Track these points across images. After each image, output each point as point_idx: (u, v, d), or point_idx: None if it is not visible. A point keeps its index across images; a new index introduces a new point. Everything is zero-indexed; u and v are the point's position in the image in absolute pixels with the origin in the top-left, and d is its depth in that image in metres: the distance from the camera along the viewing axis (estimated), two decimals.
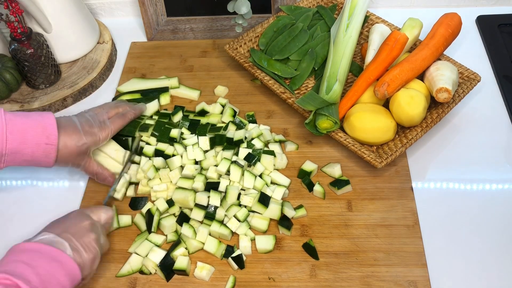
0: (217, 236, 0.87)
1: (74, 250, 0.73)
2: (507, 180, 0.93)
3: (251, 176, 0.90)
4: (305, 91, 1.07)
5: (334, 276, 0.82)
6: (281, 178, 0.93)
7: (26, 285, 0.64)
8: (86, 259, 0.74)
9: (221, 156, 0.93)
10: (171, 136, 0.97)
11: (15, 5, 1.00)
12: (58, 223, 0.77)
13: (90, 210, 0.82)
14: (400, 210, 0.89)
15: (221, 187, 0.89)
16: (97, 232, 0.78)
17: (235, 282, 0.82)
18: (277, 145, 0.98)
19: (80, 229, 0.76)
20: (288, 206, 0.89)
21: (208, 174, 0.91)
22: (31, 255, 0.69)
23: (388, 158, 0.89)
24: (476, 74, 1.00)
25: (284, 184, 0.92)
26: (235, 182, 0.90)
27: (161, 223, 0.88)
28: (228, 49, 1.10)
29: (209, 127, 1.00)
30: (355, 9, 1.04)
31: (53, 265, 0.69)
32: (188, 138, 0.97)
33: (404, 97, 0.92)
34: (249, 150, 0.93)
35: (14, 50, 1.05)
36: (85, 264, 0.74)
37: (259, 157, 0.93)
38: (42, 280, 0.66)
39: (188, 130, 1.00)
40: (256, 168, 0.92)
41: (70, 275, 0.70)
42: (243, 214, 0.87)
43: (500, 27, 1.19)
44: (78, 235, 0.75)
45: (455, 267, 0.82)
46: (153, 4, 1.20)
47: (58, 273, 0.69)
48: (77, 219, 0.78)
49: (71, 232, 0.75)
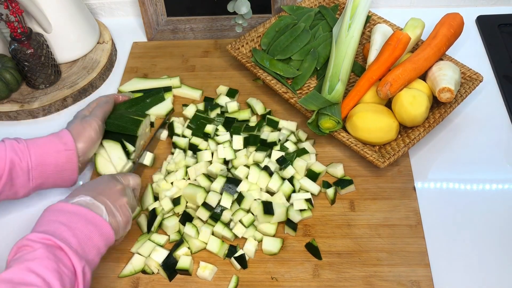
0: (220, 237, 0.86)
1: (110, 213, 0.75)
2: (510, 180, 0.93)
3: (278, 179, 0.90)
4: (307, 91, 1.07)
5: (337, 276, 0.82)
6: (312, 186, 0.91)
7: (68, 247, 0.66)
8: (120, 222, 0.77)
9: (253, 157, 0.93)
10: (206, 131, 0.97)
11: (15, 5, 0.99)
12: (93, 186, 0.79)
13: (119, 176, 0.84)
14: (402, 210, 0.89)
15: (241, 187, 0.89)
16: (128, 196, 0.81)
17: (237, 281, 0.82)
18: (308, 143, 0.98)
19: (114, 192, 0.79)
20: (292, 210, 0.87)
21: (236, 173, 0.91)
22: (69, 217, 0.71)
23: (391, 158, 0.89)
24: (478, 74, 1.01)
25: (314, 192, 0.91)
26: (257, 185, 0.89)
27: (164, 224, 0.87)
28: (230, 49, 1.10)
29: (243, 126, 0.99)
30: (357, 9, 1.04)
31: (90, 228, 0.71)
32: (221, 135, 0.97)
33: (407, 97, 0.92)
34: (282, 153, 0.93)
35: (14, 50, 1.04)
36: (119, 227, 0.77)
37: (291, 162, 0.92)
38: (80, 242, 0.69)
39: (223, 127, 0.99)
40: (286, 171, 0.91)
41: (105, 238, 0.73)
42: (249, 220, 0.86)
43: (500, 27, 1.20)
44: (112, 199, 0.77)
45: (458, 267, 0.82)
46: (153, 4, 1.20)
47: (94, 236, 0.71)
48: (110, 183, 0.80)
49: (106, 196, 0.77)
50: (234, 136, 0.95)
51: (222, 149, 0.94)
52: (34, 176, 0.83)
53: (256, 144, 0.95)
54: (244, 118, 1.02)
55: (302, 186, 0.91)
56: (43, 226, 0.70)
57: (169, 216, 0.89)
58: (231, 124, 1.00)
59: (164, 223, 0.88)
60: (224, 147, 0.94)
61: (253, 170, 0.90)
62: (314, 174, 0.93)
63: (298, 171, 0.92)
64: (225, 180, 0.89)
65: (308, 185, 0.91)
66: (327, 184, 0.92)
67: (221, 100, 1.06)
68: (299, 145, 0.97)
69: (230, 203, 0.87)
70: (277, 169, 0.92)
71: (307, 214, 0.88)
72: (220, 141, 0.96)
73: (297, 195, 0.89)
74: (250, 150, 0.95)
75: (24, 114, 1.08)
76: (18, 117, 1.08)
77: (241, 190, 0.88)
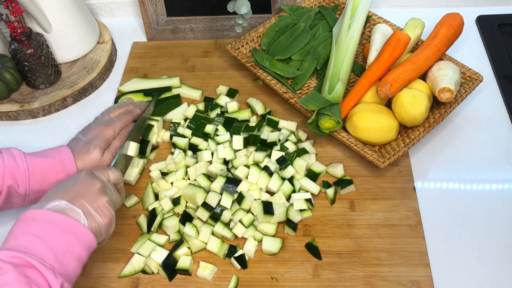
0: (220, 237, 0.86)
1: (89, 216, 0.69)
2: (510, 180, 0.93)
3: (278, 179, 0.90)
4: (307, 91, 1.07)
5: (337, 276, 0.82)
6: (312, 186, 0.91)
7: (41, 264, 0.61)
8: (102, 224, 0.71)
9: (253, 157, 0.93)
10: (205, 131, 0.97)
11: (15, 5, 0.99)
12: (68, 187, 0.72)
13: (97, 172, 0.77)
14: (402, 210, 0.89)
15: (241, 187, 0.89)
16: (109, 194, 0.75)
17: (237, 281, 0.82)
18: (308, 143, 0.98)
19: (93, 193, 0.72)
20: (292, 210, 0.87)
21: (235, 173, 0.91)
22: (43, 227, 0.65)
23: (391, 158, 0.89)
24: (478, 74, 1.01)
25: (314, 192, 0.91)
26: (257, 185, 0.89)
27: (164, 224, 0.87)
28: (230, 49, 1.10)
29: (243, 126, 0.99)
30: (357, 9, 1.04)
31: (67, 237, 0.65)
32: (221, 135, 0.97)
33: (407, 97, 0.92)
34: (282, 153, 0.93)
35: (14, 50, 1.04)
36: (101, 230, 0.71)
37: (291, 162, 0.92)
38: (56, 256, 0.63)
39: (223, 127, 0.99)
40: (286, 171, 0.91)
41: (86, 245, 0.67)
42: (249, 220, 0.86)
43: (500, 27, 1.19)
44: (91, 200, 0.71)
45: (458, 267, 0.82)
46: (153, 4, 1.20)
47: (73, 245, 0.66)
48: (87, 183, 0.73)
49: (84, 197, 0.71)
50: (234, 136, 0.95)
51: (222, 149, 0.94)
52: (31, 199, 0.82)
53: (256, 144, 0.95)
54: (244, 118, 1.02)
55: (302, 186, 0.91)
56: (15, 239, 0.64)
57: (169, 216, 0.89)
58: (231, 124, 1.00)
59: (164, 223, 0.87)
60: (224, 147, 0.94)
61: (253, 170, 0.90)
62: (314, 174, 0.93)
63: (298, 171, 0.92)
64: (225, 180, 0.89)
65: (308, 185, 0.91)
66: (327, 184, 0.92)
67: (221, 100, 1.06)
68: (299, 145, 0.97)
69: (230, 203, 0.87)
70: (277, 169, 0.92)
71: (307, 214, 0.88)
72: (220, 141, 0.96)
73: (297, 195, 0.89)
74: (250, 150, 0.95)
75: (24, 114, 1.08)
76: (18, 117, 1.08)
77: (241, 190, 0.88)
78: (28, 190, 0.81)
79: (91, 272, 0.85)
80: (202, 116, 1.01)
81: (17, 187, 0.80)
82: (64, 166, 0.83)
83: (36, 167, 0.81)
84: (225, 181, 0.89)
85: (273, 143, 0.95)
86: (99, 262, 0.85)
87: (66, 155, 0.84)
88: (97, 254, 0.86)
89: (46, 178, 0.81)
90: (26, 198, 0.82)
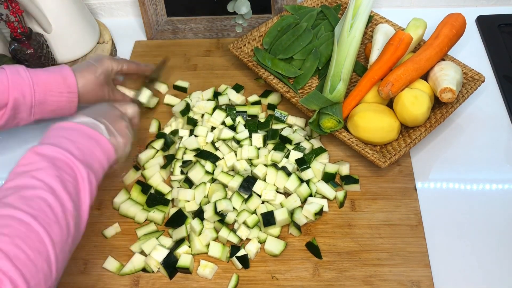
0: (225, 242, 0.86)
1: (110, 132, 0.77)
2: (511, 180, 0.93)
3: (296, 179, 0.89)
4: (309, 90, 1.07)
5: (337, 275, 0.82)
6: (328, 190, 0.91)
7: (71, 155, 0.68)
8: (120, 142, 0.79)
9: (271, 156, 0.93)
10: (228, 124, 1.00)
11: (15, 5, 0.99)
12: (93, 111, 0.81)
13: (117, 104, 0.87)
14: (403, 210, 0.89)
15: (256, 187, 0.88)
16: (126, 121, 0.83)
17: (238, 280, 0.82)
18: (317, 140, 0.98)
19: (113, 116, 0.81)
20: (299, 213, 0.87)
21: (254, 171, 0.91)
22: (71, 133, 0.73)
23: (392, 158, 0.89)
24: (480, 74, 1.00)
25: (330, 197, 0.90)
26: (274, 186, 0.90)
27: (190, 173, 0.91)
28: (232, 48, 1.10)
29: (256, 123, 0.99)
30: (359, 9, 1.04)
31: (92, 142, 0.73)
32: (240, 132, 0.97)
33: (408, 97, 0.92)
34: (301, 154, 0.93)
35: (14, 50, 1.04)
36: (119, 147, 0.79)
37: (309, 163, 0.92)
38: (84, 154, 0.70)
39: (243, 126, 0.99)
40: (305, 173, 0.91)
41: (106, 153, 0.75)
42: (253, 221, 0.86)
43: (500, 27, 1.20)
44: (111, 121, 0.80)
45: (458, 267, 0.82)
46: (153, 4, 1.20)
47: (96, 150, 0.73)
48: (109, 109, 0.83)
49: (106, 118, 0.79)
50: (253, 134, 0.95)
51: (247, 150, 0.93)
52: (36, 111, 0.87)
53: (275, 138, 0.96)
54: (254, 114, 1.02)
55: (318, 190, 0.91)
56: (48, 140, 0.71)
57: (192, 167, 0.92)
58: (247, 122, 1.00)
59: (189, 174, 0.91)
60: (247, 147, 0.94)
61: (270, 170, 0.90)
62: (330, 175, 0.92)
63: (316, 175, 0.92)
64: (242, 179, 0.89)
65: (324, 190, 0.91)
66: (335, 184, 0.92)
67: (228, 94, 1.06)
68: (311, 142, 0.97)
69: (239, 204, 0.87)
70: (294, 170, 0.92)
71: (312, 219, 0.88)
72: (240, 138, 0.96)
73: (312, 200, 0.88)
74: (269, 147, 0.96)
75: None
76: None
77: (255, 190, 0.88)
78: (33, 101, 0.85)
79: (91, 270, 0.85)
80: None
81: (23, 98, 0.84)
82: (65, 79, 0.88)
83: (39, 79, 0.86)
84: (243, 179, 0.89)
85: (289, 139, 0.95)
86: (100, 260, 0.86)
87: (67, 71, 0.89)
88: (97, 251, 0.87)
89: (49, 89, 0.86)
90: (32, 111, 0.86)
